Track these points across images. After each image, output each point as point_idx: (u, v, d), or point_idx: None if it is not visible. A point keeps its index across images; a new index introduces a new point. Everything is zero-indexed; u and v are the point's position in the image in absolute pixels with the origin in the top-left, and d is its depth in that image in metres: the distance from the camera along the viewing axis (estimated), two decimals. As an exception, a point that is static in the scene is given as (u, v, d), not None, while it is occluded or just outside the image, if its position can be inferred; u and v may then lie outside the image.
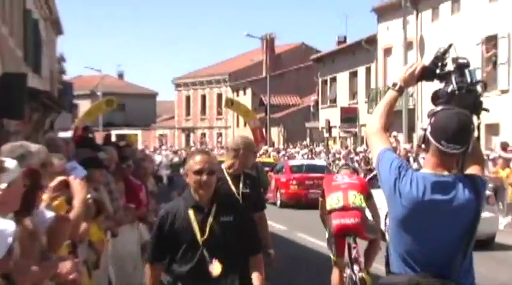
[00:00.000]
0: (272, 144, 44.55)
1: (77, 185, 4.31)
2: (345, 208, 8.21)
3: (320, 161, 28.48)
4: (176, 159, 33.20)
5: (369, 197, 8.43)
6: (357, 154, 28.74)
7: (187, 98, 66.30)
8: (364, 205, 8.30)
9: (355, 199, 8.24)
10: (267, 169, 23.85)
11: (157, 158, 32.26)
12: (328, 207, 8.36)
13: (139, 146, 39.99)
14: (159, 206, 8.62)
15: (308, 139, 45.12)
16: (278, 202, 24.32)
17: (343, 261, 8.42)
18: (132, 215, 7.43)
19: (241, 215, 4.50)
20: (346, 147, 33.66)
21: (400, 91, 3.63)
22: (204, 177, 4.34)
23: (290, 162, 27.39)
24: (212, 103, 62.99)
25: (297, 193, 24.00)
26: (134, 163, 8.35)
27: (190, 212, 4.39)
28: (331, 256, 8.51)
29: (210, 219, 4.37)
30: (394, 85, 3.64)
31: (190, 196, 4.44)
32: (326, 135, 41.72)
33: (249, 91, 56.19)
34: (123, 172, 7.73)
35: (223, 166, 6.09)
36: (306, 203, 22.97)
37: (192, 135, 64.87)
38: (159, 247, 4.45)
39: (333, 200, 8.31)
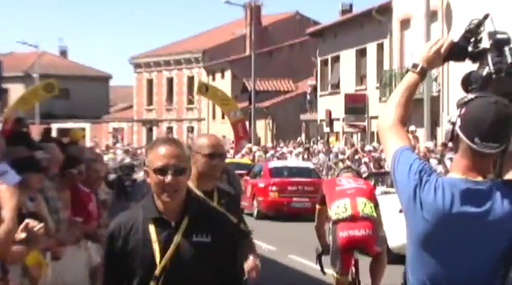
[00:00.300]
0: (258, 141, 44.61)
1: (5, 193, 4.30)
2: (353, 218, 8.53)
3: (306, 163, 29.05)
4: (127, 160, 33.26)
5: (376, 205, 8.82)
6: (365, 154, 28.82)
7: (149, 82, 66.22)
8: (374, 213, 8.62)
9: (365, 207, 8.58)
10: (241, 172, 24.01)
11: (105, 158, 32.26)
12: (333, 216, 8.63)
13: (88, 144, 39.89)
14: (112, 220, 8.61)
15: (303, 135, 45.23)
16: (255, 212, 24.75)
17: (347, 280, 8.63)
18: (79, 232, 7.41)
19: (223, 235, 4.05)
20: (352, 145, 33.73)
21: (422, 74, 3.65)
22: (169, 178, 3.89)
23: (270, 164, 27.86)
24: (181, 88, 62.95)
25: (278, 201, 24.56)
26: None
27: (151, 227, 3.97)
28: (334, 274, 8.73)
29: (177, 238, 3.94)
30: (415, 66, 3.66)
31: (152, 205, 4.01)
32: (326, 129, 41.79)
33: (228, 73, 56.22)
34: (72, 178, 7.68)
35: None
36: (289, 213, 23.82)
37: (155, 129, 64.81)
38: (112, 276, 4.05)
39: (339, 209, 8.60)
